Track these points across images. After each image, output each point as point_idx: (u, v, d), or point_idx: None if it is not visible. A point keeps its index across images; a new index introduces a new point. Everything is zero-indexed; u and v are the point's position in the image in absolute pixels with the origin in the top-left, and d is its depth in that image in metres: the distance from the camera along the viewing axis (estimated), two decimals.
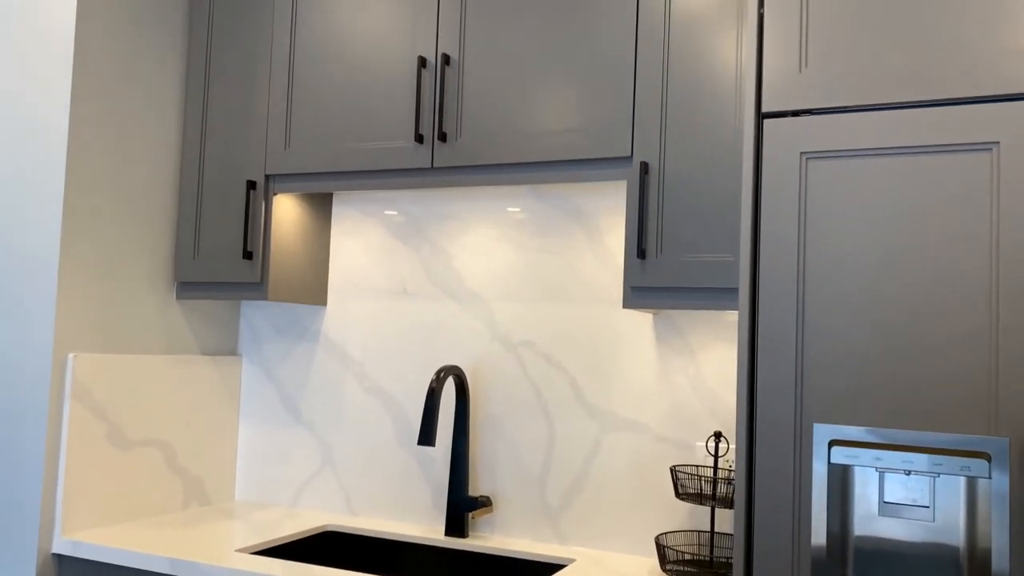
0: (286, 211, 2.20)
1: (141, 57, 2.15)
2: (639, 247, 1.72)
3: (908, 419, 1.22)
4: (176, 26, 2.24)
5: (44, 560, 1.91)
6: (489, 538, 2.11)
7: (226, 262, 2.15)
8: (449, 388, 2.22)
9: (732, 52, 1.70)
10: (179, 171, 2.26)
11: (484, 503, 2.11)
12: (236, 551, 1.88)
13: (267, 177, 2.13)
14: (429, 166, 1.94)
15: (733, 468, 1.87)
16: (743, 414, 1.32)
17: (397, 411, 2.27)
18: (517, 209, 2.17)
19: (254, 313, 2.47)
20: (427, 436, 1.93)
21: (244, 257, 2.10)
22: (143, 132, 2.16)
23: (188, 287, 2.23)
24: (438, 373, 2.01)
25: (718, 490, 1.77)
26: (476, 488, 2.17)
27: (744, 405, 1.32)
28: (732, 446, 1.91)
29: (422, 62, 1.94)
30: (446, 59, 1.93)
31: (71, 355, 1.95)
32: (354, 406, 2.32)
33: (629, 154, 1.76)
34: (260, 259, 2.11)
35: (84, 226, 2.00)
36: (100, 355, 2.02)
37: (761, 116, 1.35)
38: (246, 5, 2.19)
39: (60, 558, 1.94)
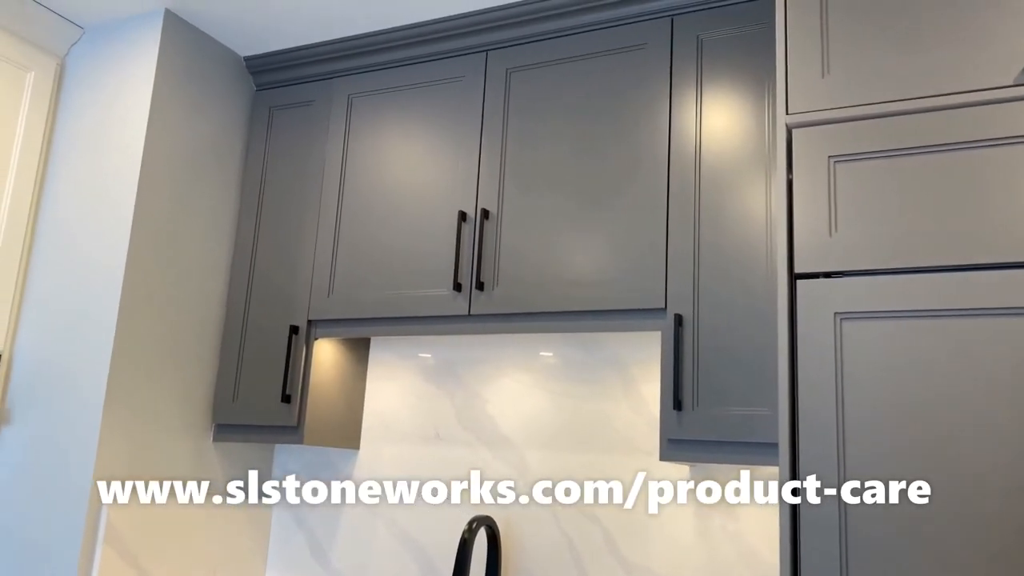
0: (325, 355, 2.24)
1: (196, 201, 2.26)
2: (675, 399, 1.72)
3: None
4: (230, 174, 2.37)
5: None
6: None
7: (264, 405, 2.18)
8: (481, 538, 2.17)
9: (761, 207, 1.75)
10: (225, 315, 2.33)
11: None
12: None
13: (310, 322, 2.19)
14: (467, 313, 1.99)
15: None
16: None
17: (426, 561, 2.22)
18: (550, 354, 2.19)
19: (288, 456, 2.47)
20: None
21: (283, 400, 2.13)
22: (192, 276, 2.24)
23: (225, 429, 2.25)
24: (470, 523, 1.97)
25: None
26: None
27: (788, 572, 1.28)
28: None
29: (462, 216, 2.03)
30: (485, 214, 2.01)
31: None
32: (382, 555, 2.27)
33: (663, 306, 1.79)
34: (298, 403, 2.14)
35: (131, 367, 2.06)
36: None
37: (794, 277, 1.38)
38: (299, 155, 2.32)
39: None
